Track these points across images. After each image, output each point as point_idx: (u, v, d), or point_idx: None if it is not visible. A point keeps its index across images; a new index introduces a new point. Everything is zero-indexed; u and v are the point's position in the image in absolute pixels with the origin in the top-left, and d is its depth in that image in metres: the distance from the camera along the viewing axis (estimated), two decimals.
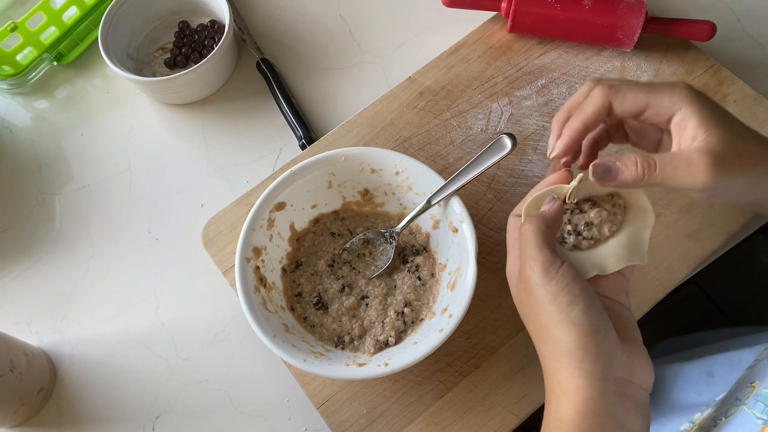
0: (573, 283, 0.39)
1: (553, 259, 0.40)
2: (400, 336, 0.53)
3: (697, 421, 0.54)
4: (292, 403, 0.56)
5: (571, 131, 0.43)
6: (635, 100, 0.41)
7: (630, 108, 0.42)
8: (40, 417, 0.56)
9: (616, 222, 0.45)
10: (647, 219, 0.44)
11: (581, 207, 0.45)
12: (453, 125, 0.65)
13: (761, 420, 0.41)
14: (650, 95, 0.41)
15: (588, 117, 0.42)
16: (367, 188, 0.58)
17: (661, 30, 0.65)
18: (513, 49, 0.68)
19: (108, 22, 0.68)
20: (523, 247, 0.41)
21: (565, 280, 0.39)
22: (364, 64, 0.72)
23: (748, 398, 0.43)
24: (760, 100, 0.63)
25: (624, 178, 0.40)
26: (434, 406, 0.54)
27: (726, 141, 0.39)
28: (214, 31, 0.72)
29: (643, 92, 0.41)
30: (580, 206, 0.45)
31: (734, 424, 0.43)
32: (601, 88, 0.42)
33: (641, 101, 0.41)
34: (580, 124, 0.42)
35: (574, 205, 0.46)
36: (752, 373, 0.47)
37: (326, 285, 0.56)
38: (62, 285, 0.62)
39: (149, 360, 0.59)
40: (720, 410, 0.47)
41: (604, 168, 0.41)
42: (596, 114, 0.42)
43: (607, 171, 0.41)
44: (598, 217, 0.44)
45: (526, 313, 0.42)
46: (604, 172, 0.41)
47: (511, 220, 0.47)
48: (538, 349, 0.42)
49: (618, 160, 0.41)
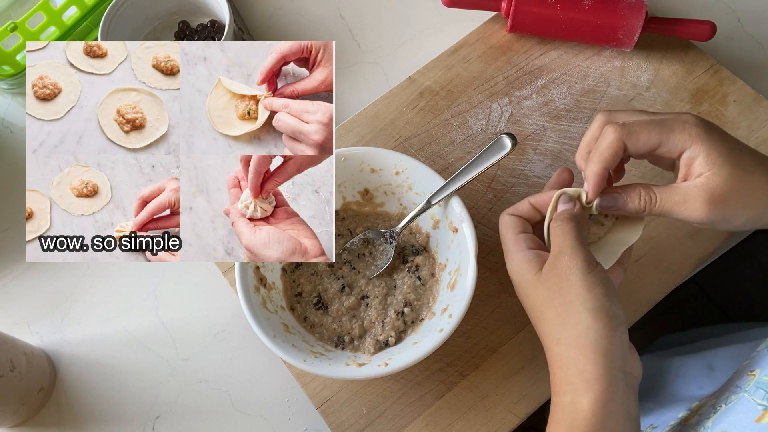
0: (607, 279, 0.42)
1: (591, 254, 0.43)
2: (400, 336, 0.53)
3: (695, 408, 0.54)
4: (292, 403, 0.56)
5: (596, 177, 0.45)
6: (648, 140, 0.43)
7: (643, 148, 0.44)
8: (40, 417, 0.56)
9: (601, 230, 0.48)
10: (629, 237, 0.47)
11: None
12: (453, 125, 0.65)
13: (762, 406, 0.41)
14: (662, 134, 0.43)
15: (606, 160, 0.44)
16: (367, 188, 0.58)
17: (661, 30, 0.65)
18: (513, 49, 0.68)
19: (108, 22, 0.68)
20: (561, 239, 0.44)
21: (603, 274, 0.42)
22: (364, 64, 0.72)
23: (748, 385, 0.44)
24: (760, 100, 0.63)
25: (628, 209, 0.45)
26: (434, 406, 0.54)
27: (730, 178, 0.42)
28: (214, 31, 0.72)
29: (655, 132, 0.43)
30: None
31: (734, 410, 0.43)
32: (614, 130, 0.44)
33: (654, 141, 0.43)
34: (602, 169, 0.45)
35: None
36: (752, 362, 0.47)
37: (326, 285, 0.56)
38: (62, 285, 0.62)
39: (149, 360, 0.59)
40: (720, 398, 0.47)
41: (609, 198, 0.45)
42: (613, 156, 0.44)
43: (612, 201, 0.45)
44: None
45: (550, 300, 0.43)
46: (609, 201, 0.45)
47: (505, 218, 0.48)
48: (557, 338, 0.42)
49: (624, 191, 0.45)
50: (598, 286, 0.41)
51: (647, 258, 0.58)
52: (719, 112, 0.63)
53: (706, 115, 0.63)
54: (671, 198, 0.43)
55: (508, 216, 0.48)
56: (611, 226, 0.48)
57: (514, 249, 0.46)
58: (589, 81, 0.66)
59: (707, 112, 0.63)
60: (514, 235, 0.47)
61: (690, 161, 0.43)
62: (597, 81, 0.66)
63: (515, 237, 0.47)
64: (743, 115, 0.63)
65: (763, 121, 0.62)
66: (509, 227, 0.47)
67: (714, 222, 0.43)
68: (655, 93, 0.65)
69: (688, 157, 0.43)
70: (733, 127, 0.62)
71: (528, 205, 0.48)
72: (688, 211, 0.42)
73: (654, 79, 0.65)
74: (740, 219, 0.43)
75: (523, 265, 0.45)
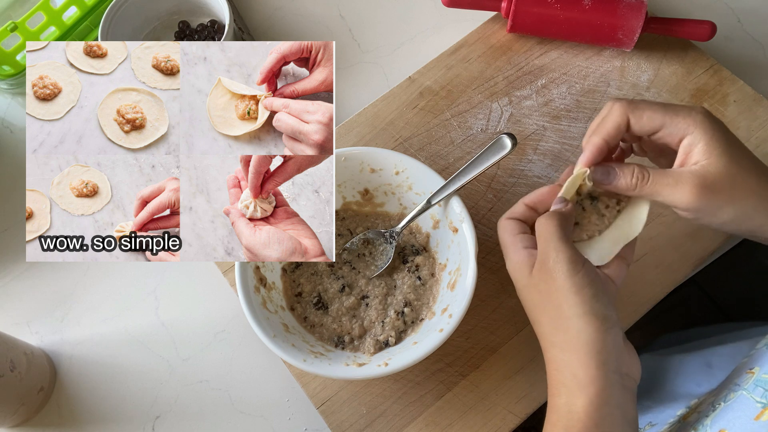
0: (597, 279, 0.42)
1: (578, 253, 0.42)
2: (400, 336, 0.53)
3: (694, 406, 0.54)
4: (292, 403, 0.56)
5: (593, 147, 0.44)
6: (652, 119, 0.43)
7: (646, 126, 0.43)
8: (40, 417, 0.56)
9: (602, 223, 0.47)
10: (629, 232, 0.46)
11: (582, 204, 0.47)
12: (453, 125, 0.65)
13: (760, 404, 0.41)
14: (667, 116, 0.43)
15: (608, 132, 0.44)
16: (367, 188, 0.58)
17: (661, 30, 0.65)
18: (513, 49, 0.68)
19: (108, 22, 0.68)
20: (546, 239, 0.43)
21: (591, 275, 0.41)
22: (364, 64, 0.72)
23: (747, 383, 0.44)
24: (760, 100, 0.63)
25: (618, 183, 0.44)
26: (434, 406, 0.54)
27: (724, 170, 0.41)
28: (214, 31, 0.72)
29: (660, 112, 0.43)
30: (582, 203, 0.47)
31: (733, 407, 0.43)
32: (620, 105, 0.44)
33: (657, 120, 0.43)
34: (601, 140, 0.44)
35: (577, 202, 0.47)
36: (751, 360, 0.47)
37: (326, 285, 0.56)
38: (62, 285, 0.62)
39: (149, 360, 0.59)
40: (719, 396, 0.47)
41: (603, 170, 0.44)
42: (616, 129, 0.44)
43: (605, 174, 0.44)
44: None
45: (542, 304, 0.43)
46: (602, 174, 0.45)
47: (502, 223, 0.48)
48: (551, 340, 0.42)
49: (618, 166, 0.44)
50: (587, 288, 0.41)
51: (647, 258, 0.58)
52: (719, 112, 0.63)
53: None
54: (663, 179, 0.42)
55: (505, 220, 0.48)
56: (613, 218, 0.47)
57: (512, 250, 0.46)
58: (589, 81, 0.66)
59: None
60: (512, 237, 0.47)
61: (689, 148, 0.42)
62: (597, 81, 0.66)
63: (513, 238, 0.46)
64: (743, 115, 0.63)
65: (763, 121, 0.62)
66: (507, 231, 0.47)
67: (699, 211, 0.42)
68: (655, 93, 0.65)
69: (688, 144, 0.42)
70: (733, 127, 0.62)
71: (523, 207, 0.48)
72: (676, 194, 0.42)
73: (654, 79, 0.65)
74: (726, 214, 0.42)
75: (518, 267, 0.45)
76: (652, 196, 0.43)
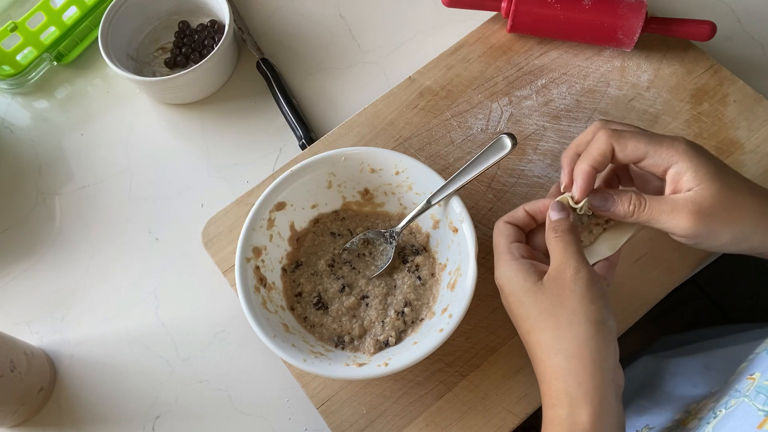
0: (606, 293, 0.44)
1: (592, 267, 0.44)
2: (400, 336, 0.53)
3: (693, 411, 0.54)
4: (292, 403, 0.56)
5: (584, 175, 0.46)
6: (635, 148, 0.44)
7: (630, 155, 0.44)
8: (40, 417, 0.56)
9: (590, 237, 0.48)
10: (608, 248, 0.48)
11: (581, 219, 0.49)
12: (453, 125, 0.65)
13: (763, 412, 0.41)
14: (650, 146, 0.44)
15: (594, 159, 0.45)
16: (367, 188, 0.58)
17: (661, 30, 0.65)
18: (513, 49, 0.68)
19: (108, 22, 0.68)
20: (564, 252, 0.44)
21: (604, 289, 0.43)
22: (364, 64, 0.72)
23: (749, 390, 0.44)
24: (760, 100, 0.63)
25: (616, 210, 0.45)
26: (434, 406, 0.54)
27: (718, 194, 0.42)
28: (214, 31, 0.72)
29: (643, 142, 0.44)
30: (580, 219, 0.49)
31: (735, 415, 0.43)
32: (605, 132, 0.45)
33: (641, 150, 0.44)
34: (589, 167, 0.45)
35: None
36: (751, 365, 0.47)
37: (326, 285, 0.56)
38: (62, 285, 0.62)
39: (149, 360, 0.59)
40: (719, 401, 0.47)
41: (601, 198, 0.46)
42: (602, 156, 0.45)
43: (603, 201, 0.46)
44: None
45: (551, 311, 0.43)
46: (600, 201, 0.46)
47: (500, 225, 0.48)
48: (556, 347, 0.43)
49: (615, 193, 0.46)
50: (601, 299, 0.43)
51: (647, 258, 0.58)
52: (719, 112, 0.63)
53: (706, 115, 0.63)
54: (660, 206, 0.44)
55: (503, 224, 0.49)
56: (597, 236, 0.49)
57: (508, 257, 0.46)
58: (589, 81, 0.66)
59: (707, 112, 0.63)
60: (508, 244, 0.47)
61: (677, 177, 0.43)
62: (597, 81, 0.66)
63: (508, 246, 0.47)
64: (743, 115, 0.63)
65: (763, 121, 0.62)
66: (503, 235, 0.48)
67: (698, 236, 0.43)
68: (655, 93, 0.65)
69: (675, 173, 0.43)
70: (733, 127, 0.62)
71: (523, 213, 0.49)
72: (674, 221, 0.43)
73: (654, 79, 0.65)
74: (725, 236, 0.43)
75: (518, 274, 0.45)
76: (649, 222, 0.44)
